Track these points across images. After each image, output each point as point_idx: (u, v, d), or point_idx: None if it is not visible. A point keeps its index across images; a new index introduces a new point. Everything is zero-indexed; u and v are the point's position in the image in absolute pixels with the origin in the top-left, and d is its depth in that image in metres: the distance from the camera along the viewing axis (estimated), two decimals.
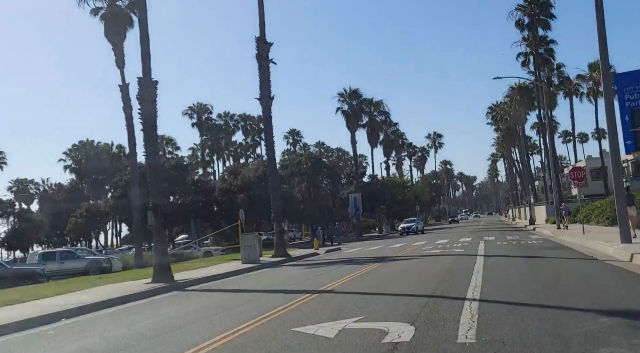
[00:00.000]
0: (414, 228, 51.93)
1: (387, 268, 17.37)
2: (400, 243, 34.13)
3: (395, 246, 31.11)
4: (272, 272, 20.72)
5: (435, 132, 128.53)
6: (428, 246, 27.60)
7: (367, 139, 69.48)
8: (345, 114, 60.42)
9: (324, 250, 32.86)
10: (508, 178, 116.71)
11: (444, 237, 38.69)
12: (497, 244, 24.89)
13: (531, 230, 40.29)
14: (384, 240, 43.73)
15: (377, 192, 62.93)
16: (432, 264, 17.05)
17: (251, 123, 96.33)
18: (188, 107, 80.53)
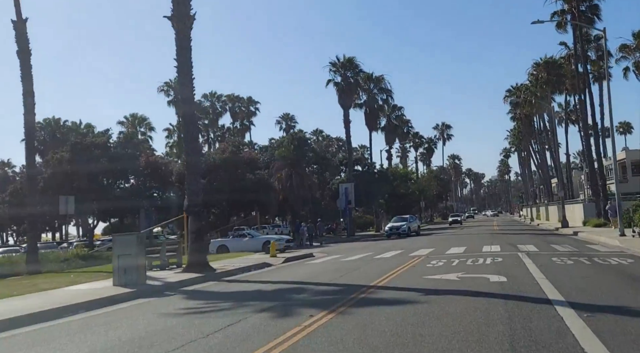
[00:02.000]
0: (404, 229, 40.83)
1: (344, 341, 7.13)
2: (394, 251, 23.93)
3: (386, 256, 20.89)
4: (115, 319, 10.37)
5: (444, 122, 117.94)
6: (435, 260, 17.35)
7: (364, 120, 59.11)
8: (338, 87, 50.06)
9: (284, 258, 22.65)
10: (523, 173, 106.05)
11: (455, 242, 28.43)
12: (558, 264, 14.51)
13: (578, 237, 29.86)
14: (376, 243, 33.53)
15: (374, 183, 52.59)
16: (459, 329, 6.81)
17: (240, 105, 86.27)
18: (164, 83, 70.30)
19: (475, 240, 29.19)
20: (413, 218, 45.57)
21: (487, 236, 33.32)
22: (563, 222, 42.46)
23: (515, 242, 26.03)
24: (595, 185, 41.16)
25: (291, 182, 46.26)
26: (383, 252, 23.14)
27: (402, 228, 40.83)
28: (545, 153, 74.36)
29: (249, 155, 43.74)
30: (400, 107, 77.31)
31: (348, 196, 47.50)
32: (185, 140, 19.76)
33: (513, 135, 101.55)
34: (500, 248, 21.45)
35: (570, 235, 32.66)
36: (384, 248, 25.98)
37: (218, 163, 41.49)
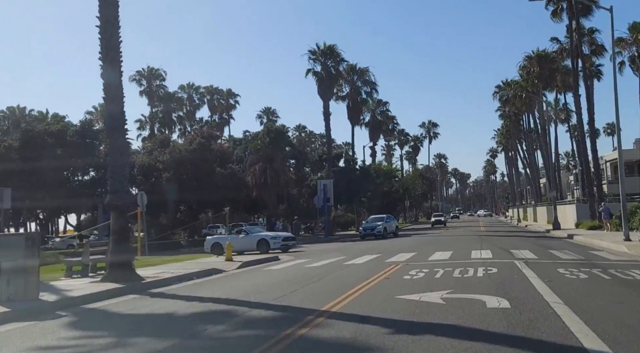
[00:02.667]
0: (379, 230, 37.11)
1: None
2: (370, 254, 20.79)
3: (359, 262, 17.71)
4: None
5: (431, 120, 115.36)
6: (415, 269, 14.18)
7: (347, 114, 55.97)
8: (318, 77, 46.83)
9: (241, 262, 19.33)
10: (510, 173, 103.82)
11: (439, 245, 25.39)
12: (570, 279, 11.32)
13: (575, 241, 26.96)
14: (353, 245, 30.40)
15: (356, 180, 49.45)
16: None
17: (219, 97, 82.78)
18: (136, 72, 66.56)
19: (462, 243, 26.16)
20: (390, 218, 41.60)
21: (474, 239, 30.34)
22: (555, 223, 39.68)
23: (507, 245, 23.05)
24: (589, 185, 38.49)
25: (265, 177, 43.02)
26: (357, 257, 19.98)
27: (378, 229, 37.22)
28: (534, 152, 71.92)
29: (220, 148, 40.34)
30: (386, 102, 74.42)
31: (327, 193, 44.34)
32: (105, 121, 16.50)
33: (500, 134, 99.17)
34: (492, 254, 18.40)
35: (565, 238, 29.82)
36: (359, 252, 22.82)
37: (185, 156, 38.04)
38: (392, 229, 39.26)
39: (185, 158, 37.97)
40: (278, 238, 26.98)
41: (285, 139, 45.11)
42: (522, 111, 69.31)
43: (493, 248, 21.33)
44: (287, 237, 27.90)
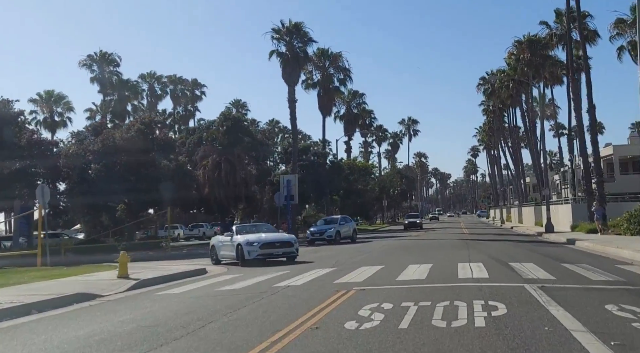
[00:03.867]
0: (330, 234, 31.41)
1: None
2: (318, 269, 15.37)
3: (297, 283, 12.11)
4: None
5: (410, 117, 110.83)
6: (374, 302, 8.74)
7: (317, 104, 50.60)
8: (282, 59, 41.32)
9: (137, 281, 13.71)
10: (492, 172, 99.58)
11: (414, 254, 20.12)
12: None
13: (580, 248, 21.87)
14: (306, 253, 25.00)
15: (326, 176, 44.11)
16: None
17: (183, 88, 76.93)
18: (87, 56, 60.27)
19: (443, 251, 20.90)
20: (346, 220, 35.19)
21: (458, 244, 25.15)
22: (547, 225, 34.69)
23: (501, 254, 17.87)
24: (588, 182, 33.72)
25: (219, 171, 37.44)
26: (301, 273, 14.53)
27: (328, 233, 31.41)
28: (519, 149, 67.50)
29: (163, 136, 34.61)
30: (362, 94, 69.23)
31: (290, 190, 38.83)
32: None
33: (483, 131, 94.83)
34: (486, 269, 13.11)
35: (565, 243, 24.81)
36: (308, 265, 17.39)
37: (120, 144, 32.21)
38: (347, 233, 33.07)
39: (120, 147, 32.15)
40: (255, 244, 18.29)
41: (244, 129, 39.49)
42: (508, 105, 64.75)
43: (485, 259, 16.10)
44: (270, 242, 18.58)
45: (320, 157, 45.53)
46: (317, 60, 50.12)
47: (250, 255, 18.16)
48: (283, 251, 18.64)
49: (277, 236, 19.77)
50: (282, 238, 19.43)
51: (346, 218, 35.30)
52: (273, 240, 18.88)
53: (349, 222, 34.39)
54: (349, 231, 33.40)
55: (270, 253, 18.50)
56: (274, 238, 19.11)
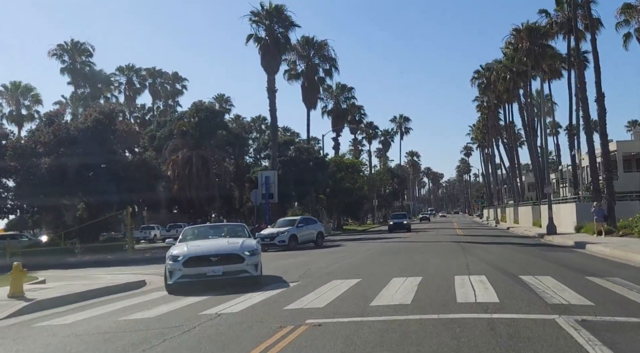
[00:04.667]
0: (283, 239, 26.50)
1: None
2: (279, 283, 12.01)
3: (233, 310, 8.69)
4: None
5: (402, 114, 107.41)
6: (333, 349, 5.44)
7: (301, 95, 47.22)
8: (261, 45, 37.88)
9: (27, 303, 10.30)
10: (486, 171, 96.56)
11: (400, 262, 16.84)
12: None
13: (599, 254, 18.57)
14: (269, 261, 21.67)
15: (309, 173, 40.74)
16: None
17: (163, 81, 73.29)
18: (57, 46, 56.62)
19: (435, 258, 17.56)
20: (308, 221, 30.15)
21: (452, 248, 21.85)
22: (549, 226, 31.51)
23: (506, 264, 14.58)
24: (594, 179, 30.63)
25: (191, 167, 34.02)
26: (250, 290, 11.11)
27: (280, 238, 26.60)
28: (515, 146, 64.50)
29: (126, 127, 31.10)
30: (351, 88, 65.90)
31: (269, 188, 35.47)
32: None
33: (477, 128, 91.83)
34: (494, 289, 9.71)
35: (573, 247, 21.60)
36: (266, 277, 14.01)
37: (74, 136, 28.69)
38: (309, 237, 28.13)
39: (74, 139, 28.63)
40: (180, 259, 11.71)
41: (218, 121, 36.04)
42: (503, 100, 61.68)
43: (488, 270, 12.80)
44: (202, 256, 11.74)
45: (303, 153, 42.14)
46: (301, 49, 46.80)
47: (172, 277, 11.57)
48: (224, 269, 11.47)
49: (218, 246, 12.26)
50: (224, 250, 11.91)
51: (309, 219, 30.86)
52: (207, 254, 11.68)
53: (313, 224, 29.71)
54: (311, 234, 28.35)
55: (201, 274, 11.48)
56: (210, 250, 11.86)
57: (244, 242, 12.35)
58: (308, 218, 30.96)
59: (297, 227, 27.77)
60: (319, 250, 24.81)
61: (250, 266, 11.80)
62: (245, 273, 11.77)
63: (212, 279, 11.58)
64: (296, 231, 27.39)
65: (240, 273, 11.73)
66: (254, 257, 11.92)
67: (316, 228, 29.01)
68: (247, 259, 11.75)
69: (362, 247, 25.44)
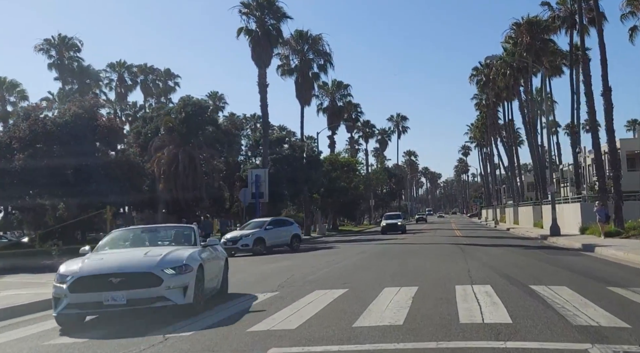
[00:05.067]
0: (246, 242, 23.89)
1: None
2: (253, 294, 10.42)
3: (181, 334, 7.09)
4: None
5: (399, 113, 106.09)
6: None
7: (295, 92, 45.67)
8: (252, 37, 36.32)
9: None
10: (485, 171, 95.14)
11: (392, 268, 15.32)
12: None
13: (611, 258, 16.97)
14: (263, 262, 20.11)
15: (302, 170, 39.20)
16: None
17: (155, 78, 71.63)
18: (44, 40, 54.88)
19: (433, 262, 16.00)
20: (281, 222, 26.89)
21: (451, 251, 20.29)
22: (553, 227, 30.01)
23: (513, 269, 13.03)
24: (601, 177, 29.12)
25: (177, 165, 32.41)
26: (212, 304, 9.57)
27: (243, 241, 23.90)
28: (515, 145, 63.04)
29: (108, 123, 29.48)
30: (347, 85, 64.07)
31: (259, 187, 33.88)
32: None
33: (475, 127, 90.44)
34: (504, 305, 8.12)
35: (580, 250, 20.07)
36: (240, 285, 12.45)
37: (52, 131, 27.06)
38: (280, 240, 25.26)
39: (52, 134, 27.00)
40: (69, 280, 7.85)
41: (207, 116, 34.44)
42: (503, 98, 60.25)
43: (493, 278, 11.23)
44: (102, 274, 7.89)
45: (296, 150, 40.54)
46: (295, 44, 45.26)
47: (56, 306, 7.91)
48: (129, 296, 7.71)
49: (126, 260, 8.44)
50: (132, 266, 8.09)
51: (283, 220, 28.36)
52: (106, 272, 7.96)
53: (286, 225, 27.07)
54: (284, 237, 25.49)
55: (96, 303, 7.80)
56: (112, 267, 8.08)
57: (168, 255, 8.39)
58: (282, 220, 28.44)
59: (265, 229, 24.83)
60: (311, 253, 23.24)
61: (174, 291, 7.93)
62: (163, 301, 7.88)
63: (113, 310, 7.89)
64: (264, 234, 24.49)
65: (156, 301, 7.86)
66: (180, 277, 8.02)
67: (291, 231, 26.10)
68: (168, 280, 7.89)
69: (355, 250, 23.88)
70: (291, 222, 27.66)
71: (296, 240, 26.01)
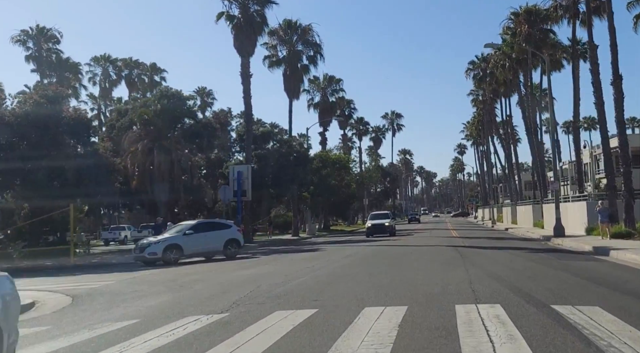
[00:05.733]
0: (153, 251, 19.71)
1: None
2: (195, 316, 8.05)
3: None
4: None
5: (394, 111, 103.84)
6: None
7: (283, 84, 43.31)
8: (234, 24, 33.89)
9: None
10: (481, 169, 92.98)
11: (375, 279, 12.97)
12: None
13: (628, 262, 14.62)
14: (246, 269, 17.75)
15: (289, 167, 36.81)
16: None
17: (141, 73, 69.06)
18: (21, 31, 52.40)
19: (427, 272, 13.62)
20: (213, 226, 22.96)
21: (448, 256, 17.93)
22: (557, 228, 27.75)
23: (524, 281, 10.65)
24: (609, 174, 26.91)
25: (152, 160, 30.00)
26: (145, 329, 7.23)
27: (152, 249, 19.62)
28: (514, 142, 60.85)
29: (75, 113, 27.04)
30: (339, 80, 61.93)
31: (242, 184, 31.47)
32: None
33: (472, 125, 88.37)
34: (525, 339, 5.85)
35: (592, 253, 17.79)
36: (185, 303, 10.08)
37: (9, 122, 24.60)
38: (207, 247, 21.39)
39: (10, 126, 24.54)
40: None
41: (186, 109, 32.01)
42: (500, 93, 58.17)
43: (503, 296, 8.86)
44: None
45: (283, 146, 38.17)
46: (283, 34, 42.90)
47: None
48: None
49: None
50: None
51: (214, 223, 23.65)
52: None
53: (216, 229, 22.09)
54: (213, 244, 21.62)
55: None
56: None
57: None
58: (212, 223, 24.19)
59: (185, 234, 20.94)
60: (291, 257, 20.91)
61: None
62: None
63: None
64: (181, 240, 20.61)
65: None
66: None
67: (223, 236, 22.04)
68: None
69: (341, 253, 21.53)
70: (227, 225, 23.46)
71: (233, 246, 22.06)
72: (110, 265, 21.56)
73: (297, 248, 26.03)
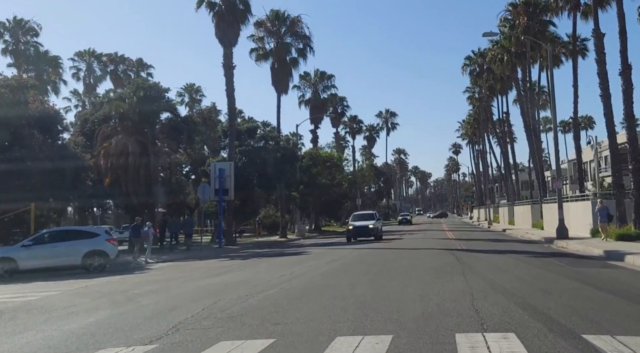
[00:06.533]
0: None
1: None
2: (124, 348, 6.07)
3: None
4: None
5: (389, 109, 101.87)
6: None
7: (270, 78, 41.27)
8: (215, 12, 31.84)
9: None
10: (477, 169, 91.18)
11: (354, 294, 10.93)
12: None
13: None
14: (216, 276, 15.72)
15: (275, 165, 34.79)
16: None
17: (126, 68, 66.77)
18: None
19: (417, 284, 11.61)
20: (68, 235, 19.31)
21: (443, 263, 15.91)
22: (560, 229, 25.83)
23: (540, 299, 8.61)
24: (616, 171, 25.04)
25: (127, 157, 27.89)
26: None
27: None
28: (511, 140, 58.98)
29: (39, 105, 24.93)
30: (331, 76, 59.80)
31: (223, 182, 29.42)
32: None
33: (467, 123, 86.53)
34: None
35: (603, 258, 15.86)
36: (118, 324, 8.05)
37: None
38: (58, 260, 17.90)
39: None
40: None
41: (164, 102, 29.93)
42: (497, 90, 56.29)
43: (516, 319, 6.87)
44: None
45: (269, 142, 36.15)
46: (270, 25, 40.91)
47: None
48: None
49: None
50: None
51: (67, 232, 19.86)
52: None
53: (72, 239, 18.61)
54: (66, 256, 18.09)
55: None
56: None
57: None
58: (68, 231, 20.63)
59: (24, 245, 18.22)
60: (270, 262, 18.92)
61: None
62: None
63: None
64: (13, 253, 17.94)
65: None
66: None
67: (83, 247, 18.47)
68: None
69: (326, 257, 19.51)
70: (91, 234, 19.61)
71: (95, 259, 18.46)
72: (74, 270, 19.44)
73: (280, 252, 24.06)
